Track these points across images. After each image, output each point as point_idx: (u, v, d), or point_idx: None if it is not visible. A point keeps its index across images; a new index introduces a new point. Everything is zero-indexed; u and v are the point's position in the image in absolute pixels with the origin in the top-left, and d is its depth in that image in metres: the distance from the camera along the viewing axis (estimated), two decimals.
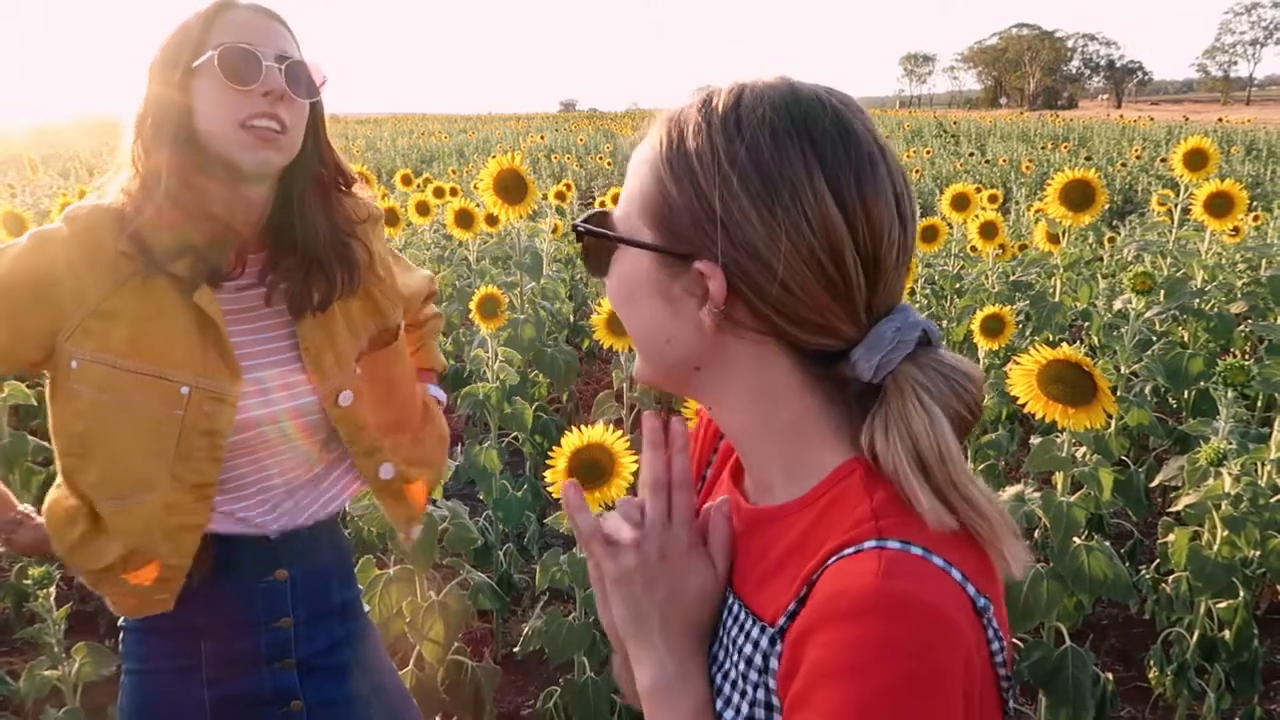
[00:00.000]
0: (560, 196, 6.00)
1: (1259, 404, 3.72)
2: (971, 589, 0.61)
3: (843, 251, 0.65)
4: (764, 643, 0.67)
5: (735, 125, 0.66)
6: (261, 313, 1.27)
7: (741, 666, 0.69)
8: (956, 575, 0.61)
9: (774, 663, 0.66)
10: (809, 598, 0.63)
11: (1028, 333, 3.89)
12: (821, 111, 0.66)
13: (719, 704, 0.70)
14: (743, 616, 0.71)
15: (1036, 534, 2.81)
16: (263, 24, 1.19)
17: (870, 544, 0.62)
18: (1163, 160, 14.59)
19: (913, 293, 4.36)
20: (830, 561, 0.63)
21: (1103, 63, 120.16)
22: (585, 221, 0.75)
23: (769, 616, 0.67)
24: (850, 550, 0.62)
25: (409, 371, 1.46)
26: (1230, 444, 2.11)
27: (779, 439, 0.72)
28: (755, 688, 0.67)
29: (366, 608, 1.63)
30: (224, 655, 1.31)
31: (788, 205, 0.64)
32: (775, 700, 0.66)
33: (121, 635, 1.34)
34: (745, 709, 0.68)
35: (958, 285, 4.77)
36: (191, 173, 1.17)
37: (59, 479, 1.25)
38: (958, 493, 0.64)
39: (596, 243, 0.75)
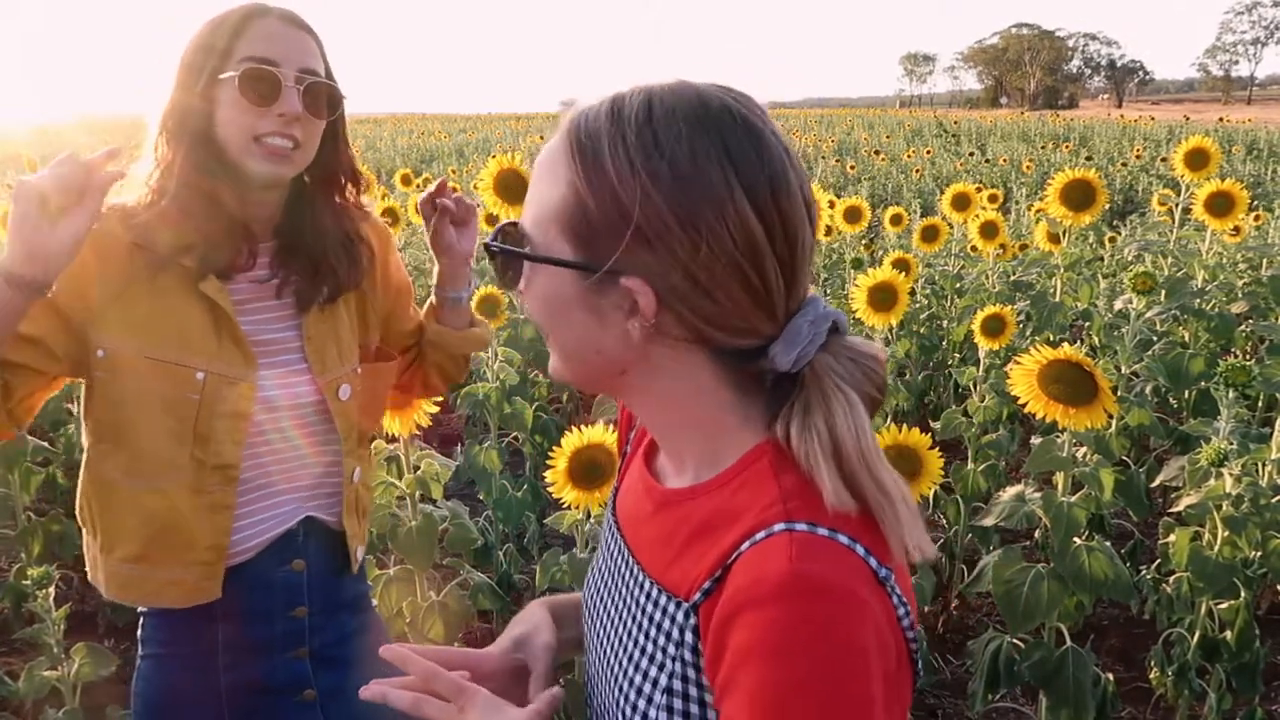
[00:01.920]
0: None
1: (1260, 404, 3.71)
2: (873, 561, 0.65)
3: (763, 259, 0.68)
4: (679, 616, 0.70)
5: (653, 139, 0.67)
6: (269, 304, 1.31)
7: (660, 641, 0.72)
8: (860, 550, 0.65)
9: (689, 636, 0.70)
10: (725, 580, 0.66)
11: (1028, 333, 3.89)
12: (733, 122, 0.68)
13: (637, 678, 0.73)
14: (655, 593, 0.74)
15: (1037, 534, 2.81)
16: (290, 36, 1.22)
17: (780, 526, 0.65)
18: (1163, 160, 14.59)
19: (913, 293, 4.35)
20: (744, 546, 0.66)
21: (1103, 62, 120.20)
22: (498, 238, 0.75)
23: (682, 592, 0.71)
24: (761, 534, 0.65)
25: (388, 392, 1.49)
26: (1231, 444, 2.10)
27: (697, 430, 0.75)
28: (673, 660, 0.71)
29: (375, 602, 1.64)
30: (239, 643, 1.33)
31: (710, 220, 0.66)
32: (691, 673, 0.70)
33: (141, 620, 1.36)
34: (664, 680, 0.71)
35: (958, 285, 4.76)
36: (207, 172, 1.23)
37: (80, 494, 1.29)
38: (869, 473, 0.67)
39: (501, 255, 0.75)
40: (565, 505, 1.79)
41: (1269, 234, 5.95)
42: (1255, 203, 7.29)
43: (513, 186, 3.02)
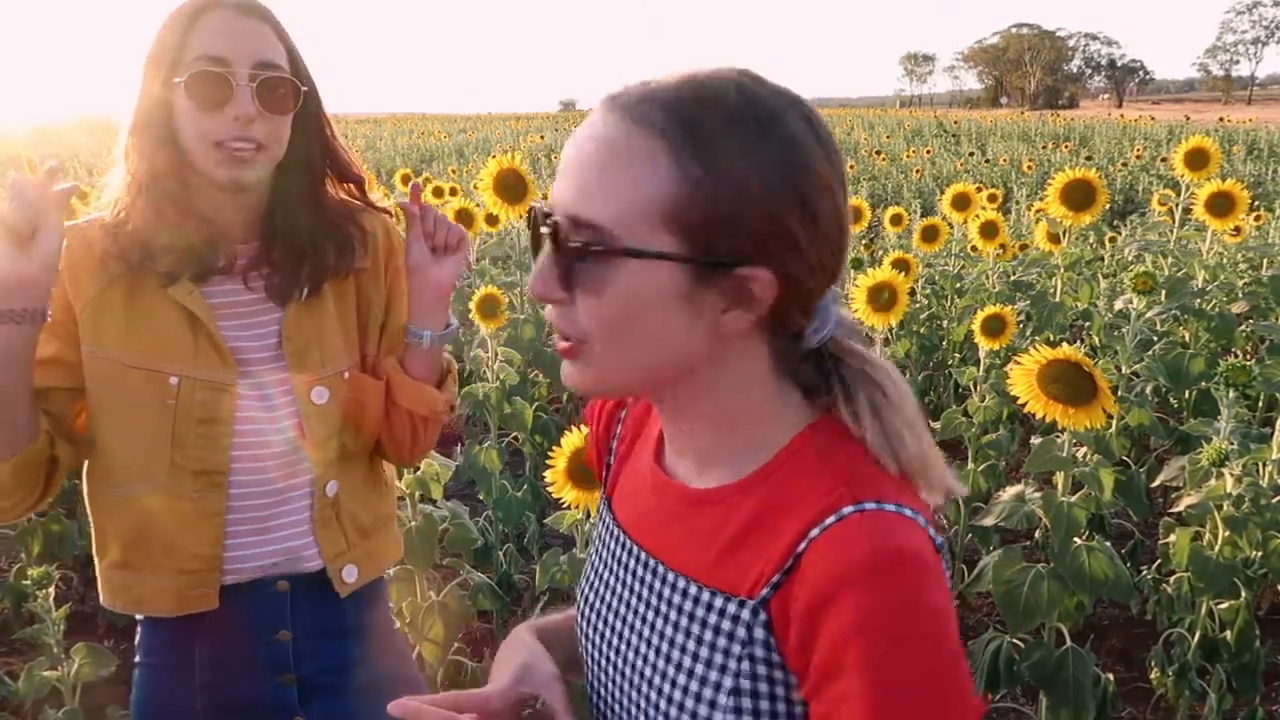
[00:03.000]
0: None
1: (1260, 404, 3.71)
2: (931, 530, 0.68)
3: (846, 238, 0.70)
4: (744, 615, 0.69)
5: (756, 123, 0.65)
6: (249, 305, 1.26)
7: (720, 643, 0.70)
8: (921, 521, 0.67)
9: (759, 632, 0.69)
10: (798, 570, 0.66)
11: (1028, 333, 3.89)
12: (811, 109, 0.69)
13: (693, 685, 0.71)
14: (705, 595, 0.72)
15: (1037, 534, 2.81)
16: (242, 28, 1.16)
17: (849, 509, 0.66)
18: (1164, 160, 14.58)
19: (913, 293, 4.35)
20: (814, 533, 0.66)
21: (1104, 62, 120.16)
22: (569, 236, 0.67)
23: (744, 590, 0.70)
24: (831, 519, 0.66)
25: (378, 412, 1.34)
26: (1231, 444, 2.10)
27: (743, 423, 0.74)
28: (739, 660, 0.70)
29: (396, 624, 1.55)
30: (219, 660, 1.29)
31: (817, 200, 0.67)
32: (763, 670, 0.69)
33: (139, 626, 1.35)
34: (729, 682, 0.70)
35: (958, 285, 4.76)
36: (175, 175, 1.19)
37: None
38: (922, 427, 0.72)
39: (581, 255, 0.67)
40: (565, 505, 1.79)
41: (1269, 234, 5.96)
42: (1256, 203, 7.29)
43: (513, 186, 3.03)
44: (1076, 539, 2.02)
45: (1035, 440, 2.34)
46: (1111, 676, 2.16)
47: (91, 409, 1.22)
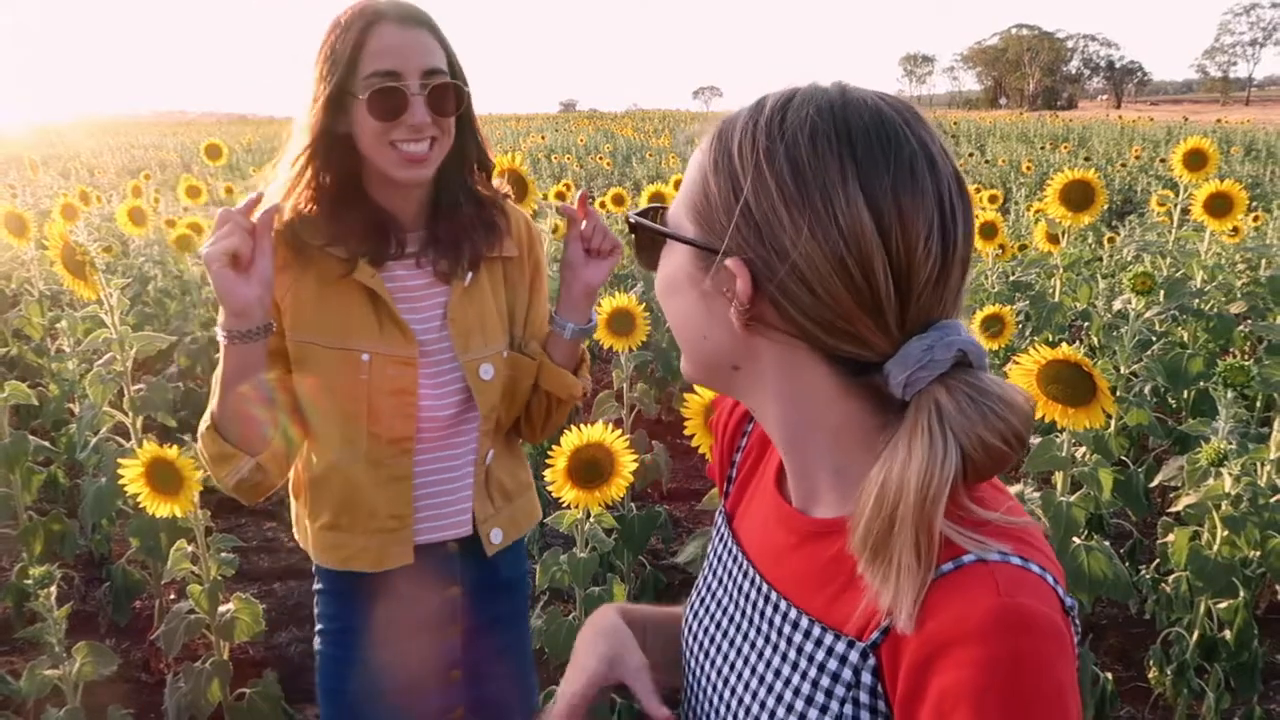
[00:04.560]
0: (560, 197, 6.04)
1: (1258, 404, 3.71)
2: (1060, 591, 0.62)
3: (872, 260, 0.62)
4: (853, 656, 0.66)
5: (779, 125, 0.65)
6: (420, 290, 1.40)
7: (824, 681, 0.68)
8: (1050, 580, 0.62)
9: (866, 677, 0.66)
10: (914, 617, 0.61)
11: (1027, 333, 3.89)
12: (865, 115, 0.65)
13: (789, 718, 0.69)
14: (817, 631, 0.70)
15: None
16: (408, 39, 1.27)
17: (971, 558, 0.61)
18: (1162, 160, 14.61)
19: None
20: (931, 579, 0.61)
21: (1102, 63, 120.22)
22: (638, 214, 0.77)
23: (854, 630, 0.67)
24: (949, 566, 0.61)
25: (528, 390, 1.50)
26: (1230, 444, 2.11)
27: (827, 445, 0.71)
28: (842, 701, 0.67)
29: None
30: (396, 619, 1.43)
31: (818, 208, 0.62)
32: (865, 715, 0.66)
33: (316, 596, 1.51)
34: None
35: None
36: (355, 171, 1.32)
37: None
38: (911, 531, 0.61)
39: (647, 236, 0.77)
40: (565, 505, 1.79)
41: (1267, 234, 5.97)
42: (1254, 203, 7.30)
43: (513, 187, 3.02)
44: (1075, 539, 2.03)
45: (1034, 440, 2.35)
46: (1110, 676, 2.16)
47: (299, 390, 1.34)
